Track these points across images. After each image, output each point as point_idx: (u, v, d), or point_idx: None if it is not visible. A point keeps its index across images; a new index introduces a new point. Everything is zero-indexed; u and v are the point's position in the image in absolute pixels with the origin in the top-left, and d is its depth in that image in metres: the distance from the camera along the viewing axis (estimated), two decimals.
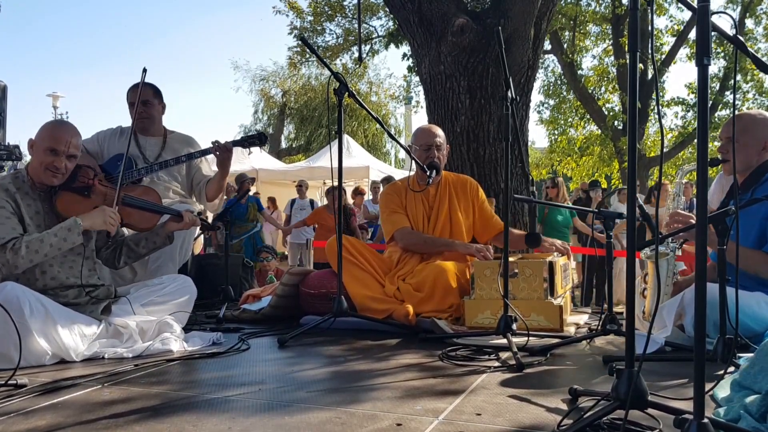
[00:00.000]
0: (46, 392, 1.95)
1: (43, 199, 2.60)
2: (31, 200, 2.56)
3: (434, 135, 3.40)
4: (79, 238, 2.51)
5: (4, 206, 2.46)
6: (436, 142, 3.37)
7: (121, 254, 2.85)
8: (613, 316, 2.62)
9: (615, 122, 15.71)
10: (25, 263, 2.41)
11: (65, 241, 2.47)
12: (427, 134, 3.40)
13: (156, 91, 3.60)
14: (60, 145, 2.53)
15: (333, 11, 13.76)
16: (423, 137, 3.40)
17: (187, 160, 3.48)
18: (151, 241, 2.87)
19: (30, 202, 2.56)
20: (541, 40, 4.71)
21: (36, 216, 2.56)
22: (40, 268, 2.51)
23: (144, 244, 2.86)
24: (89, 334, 2.47)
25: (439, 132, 3.44)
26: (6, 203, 2.47)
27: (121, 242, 2.86)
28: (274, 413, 1.74)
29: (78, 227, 2.50)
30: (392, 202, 3.46)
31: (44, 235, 2.45)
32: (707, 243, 1.48)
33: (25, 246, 2.39)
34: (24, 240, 2.40)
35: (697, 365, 1.31)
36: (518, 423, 1.63)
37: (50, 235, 2.45)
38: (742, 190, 2.61)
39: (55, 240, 2.44)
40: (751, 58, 1.79)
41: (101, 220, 2.57)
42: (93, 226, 2.57)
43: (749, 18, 15.67)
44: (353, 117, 21.67)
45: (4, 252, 2.38)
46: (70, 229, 2.48)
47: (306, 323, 2.99)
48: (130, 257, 2.87)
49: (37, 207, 2.57)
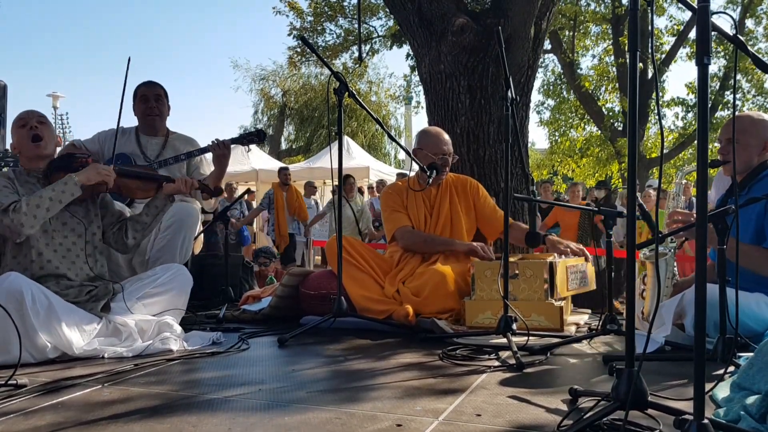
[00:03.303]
0: (46, 392, 1.94)
1: (42, 183, 2.67)
2: (31, 185, 2.66)
3: (446, 143, 3.40)
4: (77, 188, 2.58)
5: (7, 186, 2.59)
6: (448, 150, 3.39)
7: (128, 229, 2.84)
8: (613, 316, 2.62)
9: (614, 123, 15.71)
10: (30, 219, 2.47)
11: (63, 192, 2.55)
12: (439, 141, 3.38)
13: (165, 91, 3.64)
14: (23, 116, 2.73)
15: (333, 11, 13.75)
16: (435, 145, 3.38)
17: (187, 158, 3.49)
18: (153, 206, 2.87)
19: (30, 187, 2.65)
20: (541, 40, 4.71)
21: None
22: (36, 249, 2.55)
23: (146, 211, 2.87)
24: (89, 329, 2.48)
25: (448, 138, 3.46)
26: (8, 184, 2.60)
27: (125, 219, 2.88)
28: (274, 413, 1.74)
29: (73, 179, 2.57)
30: (393, 201, 3.46)
31: (42, 191, 2.55)
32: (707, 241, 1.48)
33: (25, 203, 2.47)
34: (23, 199, 2.49)
35: (697, 365, 1.31)
36: (518, 423, 1.63)
37: (48, 189, 2.54)
38: (740, 189, 2.61)
39: (53, 193, 2.54)
40: (751, 57, 1.79)
41: (95, 172, 2.64)
42: (88, 179, 2.62)
43: (749, 18, 15.67)
44: (353, 117, 21.68)
45: (7, 214, 2.45)
46: (66, 182, 2.56)
47: (306, 323, 2.99)
48: (137, 230, 2.85)
49: (36, 189, 2.63)
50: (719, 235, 2.13)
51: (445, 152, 3.38)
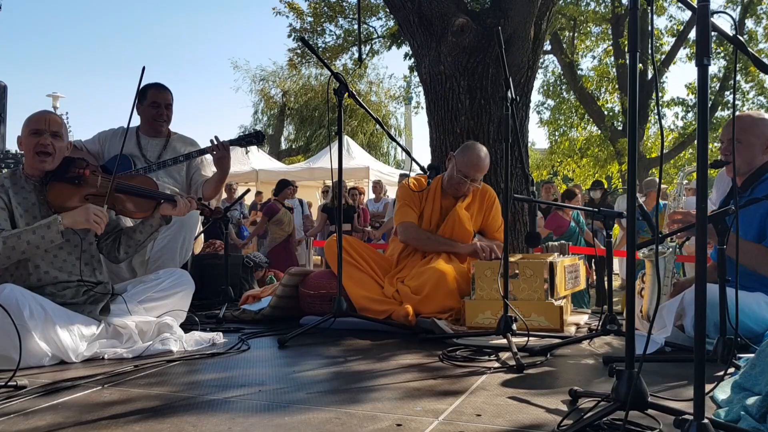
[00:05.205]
0: (46, 393, 1.94)
1: (38, 191, 2.61)
2: (26, 193, 2.58)
3: (479, 170, 3.31)
4: (57, 236, 2.45)
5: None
6: (475, 177, 3.33)
7: (121, 243, 2.78)
8: (613, 316, 2.62)
9: (614, 123, 15.72)
10: (2, 260, 2.39)
11: (43, 238, 2.41)
12: (473, 167, 3.29)
13: (173, 96, 3.64)
14: (40, 124, 2.56)
15: (333, 12, 13.75)
16: (466, 166, 3.29)
17: (185, 160, 3.48)
18: (147, 224, 2.77)
19: (25, 195, 2.57)
20: (541, 40, 4.71)
21: (32, 207, 2.56)
22: (33, 263, 2.51)
23: (141, 228, 2.78)
24: (88, 334, 2.46)
25: (485, 166, 3.35)
26: (0, 194, 2.49)
27: (120, 232, 2.82)
28: (274, 414, 1.74)
29: (57, 224, 2.43)
30: (408, 196, 3.43)
31: (22, 232, 2.41)
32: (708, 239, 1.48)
33: (2, 242, 2.37)
34: (1, 236, 2.38)
35: (697, 366, 1.31)
36: (518, 423, 1.63)
37: (28, 232, 2.41)
38: (742, 190, 2.61)
39: (32, 237, 2.40)
40: (751, 58, 1.79)
41: (83, 218, 2.48)
42: (74, 224, 2.49)
43: (749, 18, 15.67)
44: (353, 117, 21.67)
45: None
46: (49, 226, 2.43)
47: (306, 324, 2.99)
48: (130, 245, 2.79)
49: (32, 199, 2.58)
50: (719, 235, 2.13)
51: (470, 177, 3.31)
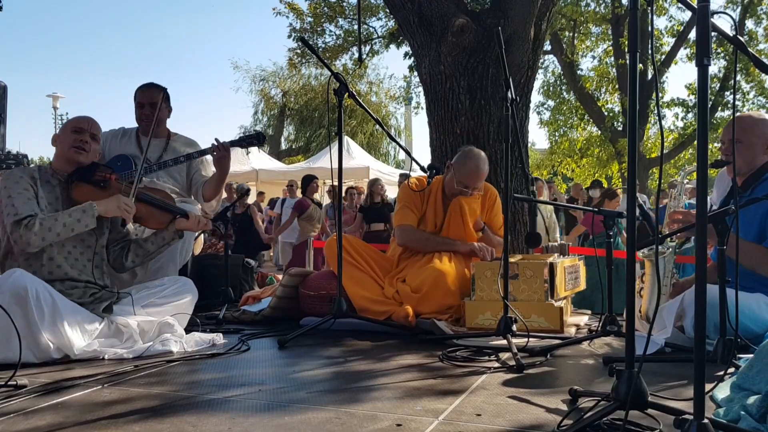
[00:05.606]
0: (46, 393, 1.94)
1: (63, 187, 2.70)
2: (51, 187, 2.68)
3: (477, 179, 3.33)
4: (92, 221, 2.59)
5: (28, 189, 2.58)
6: (474, 186, 3.34)
7: (129, 251, 2.84)
8: (613, 317, 2.62)
9: (614, 123, 15.72)
10: (37, 240, 2.48)
11: (79, 222, 2.55)
12: (471, 176, 3.31)
13: (165, 95, 3.60)
14: (82, 124, 2.77)
15: (333, 12, 13.75)
16: (464, 176, 3.31)
17: (186, 160, 3.48)
18: (160, 236, 2.87)
19: (50, 189, 2.68)
20: (541, 40, 4.71)
21: (55, 201, 2.66)
22: (48, 255, 2.56)
23: (153, 239, 2.87)
24: (90, 329, 2.48)
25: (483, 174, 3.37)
26: (30, 186, 2.60)
27: (130, 240, 2.87)
28: (274, 414, 1.74)
29: (93, 210, 2.59)
30: (409, 198, 3.43)
31: (59, 214, 2.55)
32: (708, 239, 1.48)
33: (39, 223, 2.48)
34: (38, 217, 2.49)
35: (697, 366, 1.31)
36: (518, 423, 1.63)
37: (65, 214, 2.55)
38: (742, 189, 2.61)
39: (69, 220, 2.54)
40: (751, 58, 1.79)
41: (115, 206, 2.66)
42: (107, 211, 2.65)
43: (749, 18, 15.67)
44: (353, 117, 21.67)
45: (19, 228, 2.46)
46: (84, 210, 2.58)
47: (306, 324, 2.99)
48: (138, 255, 2.85)
49: (56, 193, 2.68)
50: (719, 235, 2.13)
51: (469, 186, 3.33)
